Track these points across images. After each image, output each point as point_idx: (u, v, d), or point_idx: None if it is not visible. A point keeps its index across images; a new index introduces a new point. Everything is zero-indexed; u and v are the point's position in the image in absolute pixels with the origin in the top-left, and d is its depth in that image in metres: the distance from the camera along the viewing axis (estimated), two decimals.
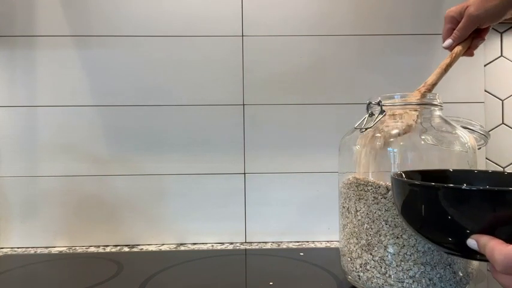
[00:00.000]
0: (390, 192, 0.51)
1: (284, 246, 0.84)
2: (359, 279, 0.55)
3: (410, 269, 0.51)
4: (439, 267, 0.51)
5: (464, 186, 0.40)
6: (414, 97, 0.56)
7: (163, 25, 0.85)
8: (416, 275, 0.51)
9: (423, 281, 0.51)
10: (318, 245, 0.84)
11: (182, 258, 0.75)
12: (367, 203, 0.53)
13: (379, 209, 0.52)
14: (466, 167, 0.54)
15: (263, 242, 0.86)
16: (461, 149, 0.55)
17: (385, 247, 0.52)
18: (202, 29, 0.85)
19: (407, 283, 0.51)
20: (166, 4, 0.85)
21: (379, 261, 0.52)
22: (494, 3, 0.57)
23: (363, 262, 0.54)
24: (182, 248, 0.84)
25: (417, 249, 0.51)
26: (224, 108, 0.86)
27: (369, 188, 0.53)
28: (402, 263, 0.51)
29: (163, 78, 0.85)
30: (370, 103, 0.58)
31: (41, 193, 0.85)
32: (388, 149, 0.53)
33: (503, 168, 0.89)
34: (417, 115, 0.55)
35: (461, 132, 0.57)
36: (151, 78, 0.85)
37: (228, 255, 0.78)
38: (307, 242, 0.86)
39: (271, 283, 0.62)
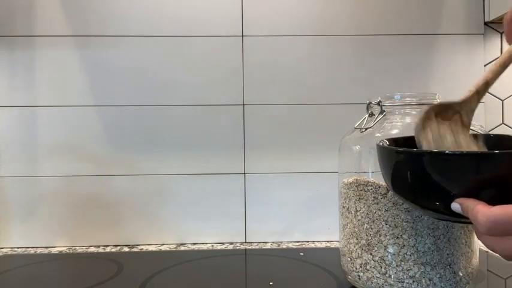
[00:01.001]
0: (390, 192, 0.51)
1: (284, 246, 0.84)
2: (359, 279, 0.55)
3: (410, 269, 0.51)
4: (439, 267, 0.51)
5: (447, 151, 0.40)
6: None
7: (163, 25, 0.85)
8: (416, 275, 0.51)
9: (423, 281, 0.51)
10: (318, 245, 0.84)
11: (182, 258, 0.75)
12: (367, 203, 0.53)
13: (379, 209, 0.52)
14: None
15: (263, 242, 0.86)
16: None
17: (385, 247, 0.52)
18: (202, 29, 0.85)
19: (407, 283, 0.51)
20: (166, 4, 0.84)
21: (379, 261, 0.52)
22: None
23: (363, 262, 0.54)
24: (182, 248, 0.84)
25: (417, 249, 0.51)
26: (224, 108, 0.86)
27: (369, 188, 0.53)
28: (402, 263, 0.51)
29: (163, 78, 0.85)
30: (370, 103, 0.58)
31: (41, 193, 0.85)
32: None
33: None
34: None
35: None
36: (151, 78, 0.85)
37: (228, 255, 0.78)
38: (307, 242, 0.86)
39: (271, 283, 0.62)
